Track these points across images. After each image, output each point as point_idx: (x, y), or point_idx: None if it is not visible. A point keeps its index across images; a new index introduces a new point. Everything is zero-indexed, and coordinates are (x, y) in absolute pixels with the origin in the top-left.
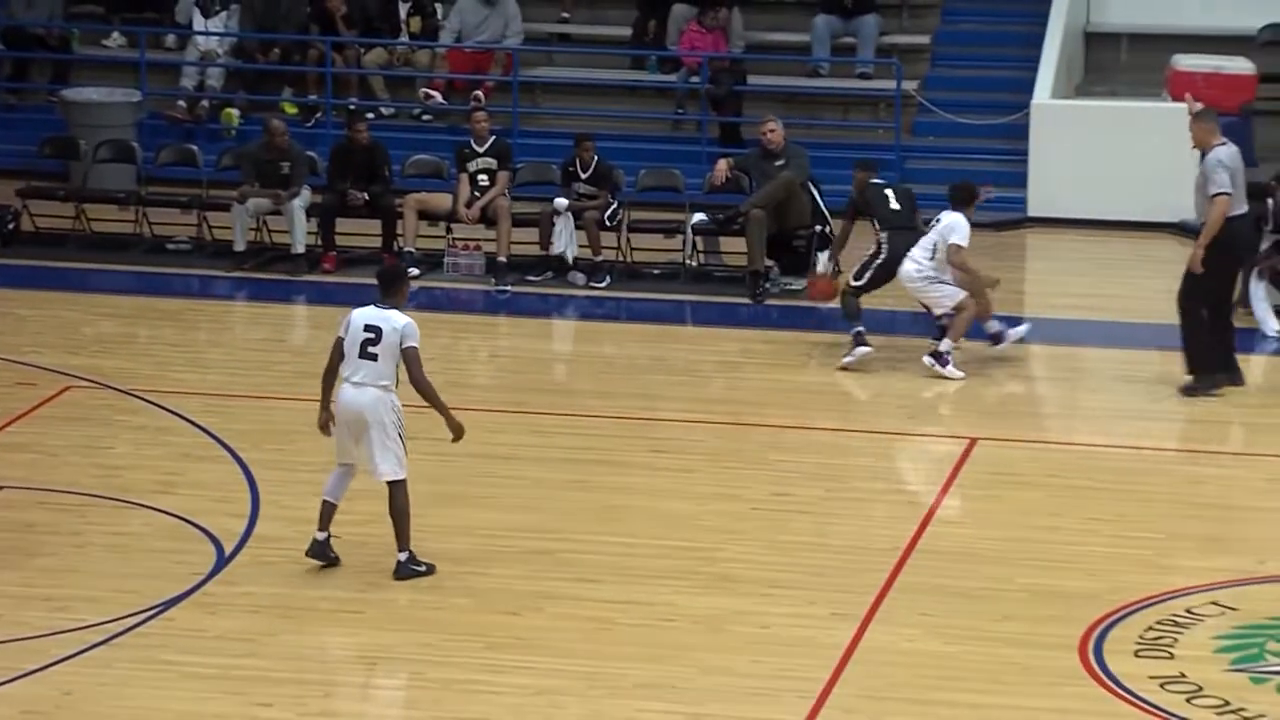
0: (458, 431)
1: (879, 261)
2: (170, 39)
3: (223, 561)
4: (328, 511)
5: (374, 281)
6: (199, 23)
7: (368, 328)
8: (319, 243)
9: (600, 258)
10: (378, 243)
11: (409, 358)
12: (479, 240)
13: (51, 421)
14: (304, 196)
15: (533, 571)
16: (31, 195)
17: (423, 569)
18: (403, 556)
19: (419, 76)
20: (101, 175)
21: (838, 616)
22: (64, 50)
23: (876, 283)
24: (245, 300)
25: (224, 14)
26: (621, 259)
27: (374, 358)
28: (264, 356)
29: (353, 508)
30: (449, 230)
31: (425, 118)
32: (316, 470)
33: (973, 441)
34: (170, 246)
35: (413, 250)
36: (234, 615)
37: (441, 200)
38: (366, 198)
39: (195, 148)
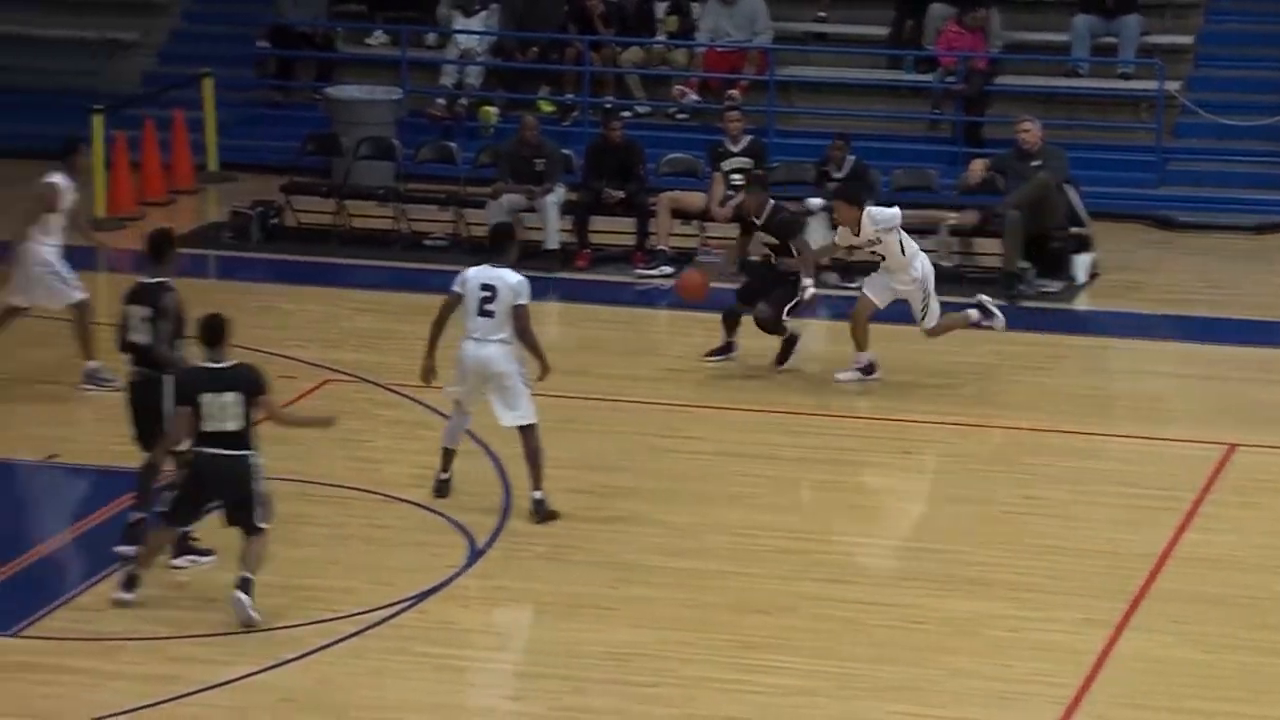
0: (546, 373)
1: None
2: (431, 37)
3: (475, 555)
4: (448, 456)
5: (620, 279)
6: (459, 21)
7: (484, 286)
8: (573, 240)
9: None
10: (631, 240)
11: (519, 314)
12: (732, 239)
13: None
14: (558, 194)
15: (785, 571)
16: (294, 191)
17: (553, 512)
18: (537, 495)
19: (675, 75)
20: (362, 172)
21: (1089, 622)
22: (328, 49)
23: None
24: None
25: (484, 13)
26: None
27: (491, 314)
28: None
29: (606, 505)
30: (702, 229)
31: (680, 116)
32: (568, 466)
33: (1231, 447)
34: (427, 242)
35: (665, 248)
36: (486, 609)
37: (695, 199)
38: (621, 195)
39: (453, 145)
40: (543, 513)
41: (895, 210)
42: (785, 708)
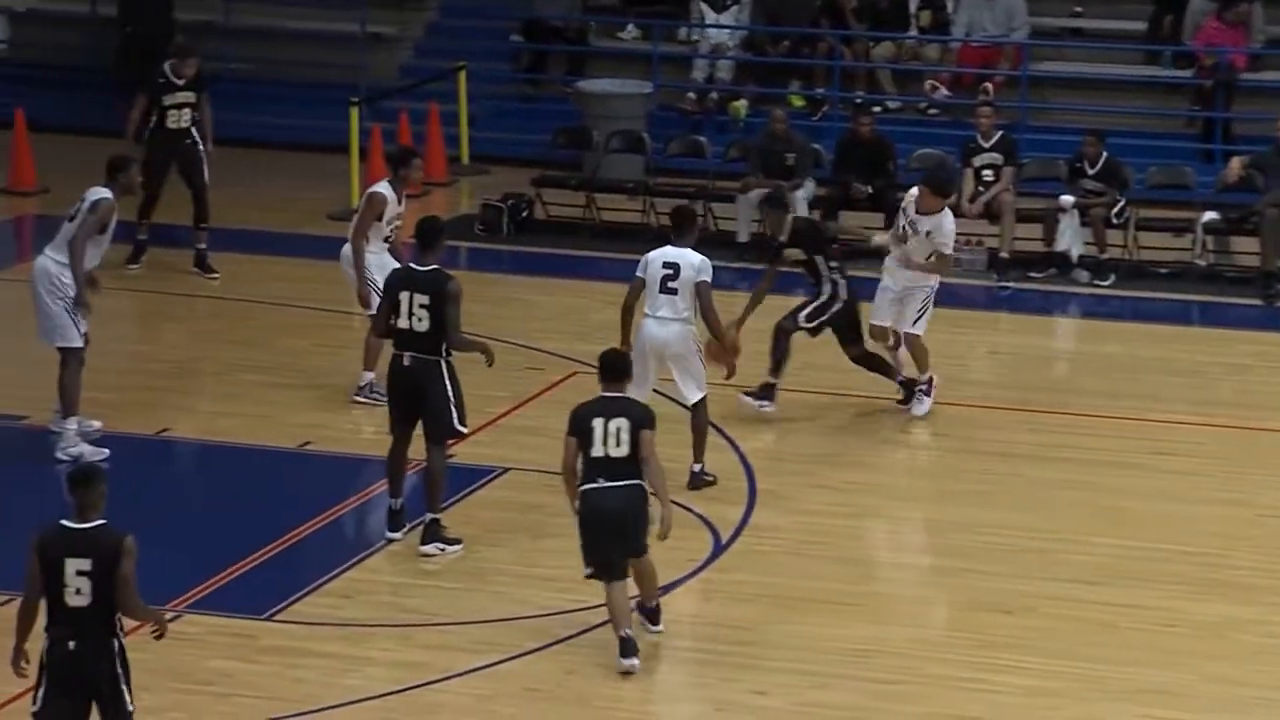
0: (731, 351)
1: None
2: (682, 32)
3: (719, 549)
4: None
5: (868, 274)
6: (711, 16)
7: (666, 264)
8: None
9: (1105, 255)
10: None
11: (702, 291)
12: (982, 235)
13: (559, 406)
14: (808, 188)
15: (1028, 570)
16: (545, 184)
17: (711, 479)
18: (697, 468)
19: (927, 70)
20: (612, 165)
21: None
22: (580, 43)
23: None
24: (746, 290)
25: (735, 7)
26: (1128, 257)
27: (674, 291)
28: (767, 346)
29: (848, 501)
30: None
31: (931, 112)
32: (811, 461)
33: None
34: None
35: None
36: (729, 603)
37: None
38: (870, 191)
39: (703, 139)
40: (698, 484)
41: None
42: (1026, 708)
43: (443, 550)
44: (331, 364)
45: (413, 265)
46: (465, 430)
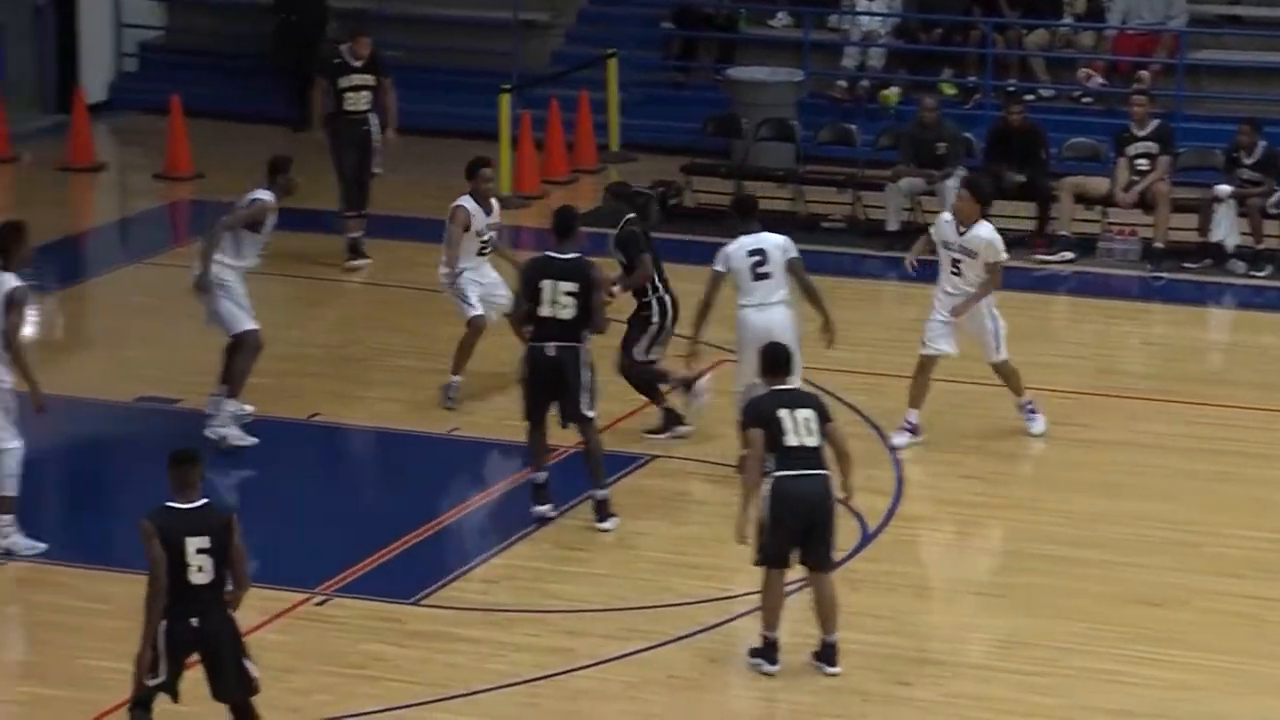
0: (831, 329)
1: None
2: (834, 19)
3: (866, 539)
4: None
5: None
6: (863, 3)
7: (751, 252)
8: None
9: (1262, 246)
10: (1032, 225)
11: (797, 267)
12: (1135, 225)
13: (708, 394)
14: (958, 177)
15: (1176, 563)
16: (694, 171)
17: None
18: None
19: (1081, 58)
20: (762, 153)
21: None
22: (731, 30)
23: None
24: (896, 280)
25: None
26: None
27: (768, 275)
28: (914, 336)
29: (998, 491)
30: (1105, 214)
31: (1085, 100)
32: (959, 452)
33: None
34: (825, 225)
35: (1067, 234)
36: (876, 592)
37: (1098, 184)
38: (1022, 180)
39: (853, 127)
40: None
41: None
42: (1169, 701)
43: (616, 524)
44: (480, 349)
45: (551, 254)
46: (593, 415)
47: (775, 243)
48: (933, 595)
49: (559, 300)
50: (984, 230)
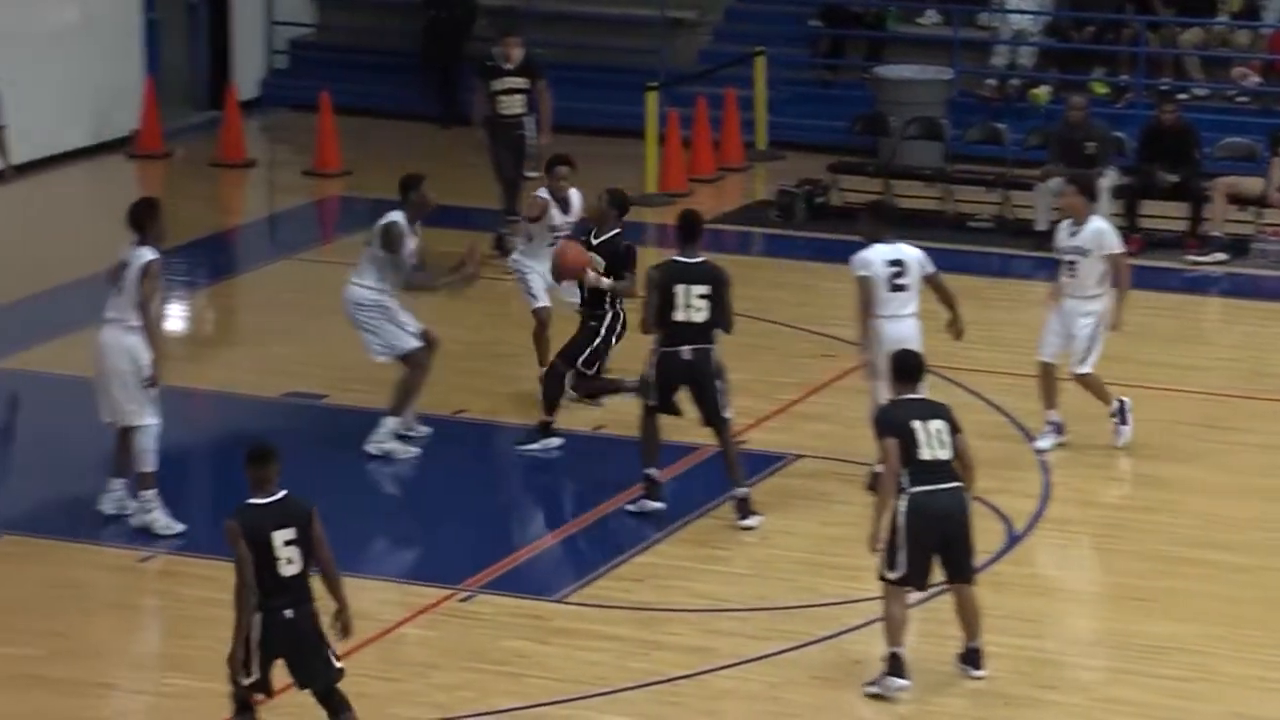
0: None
1: None
2: (983, 17)
3: (1013, 541)
4: None
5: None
6: (1013, 1)
7: (891, 263)
8: (1124, 223)
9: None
10: (1184, 225)
11: (938, 280)
12: None
13: (850, 393)
14: (1110, 177)
15: None
16: (841, 170)
17: None
18: None
19: (1237, 57)
20: (910, 152)
21: None
22: (879, 28)
23: None
24: (1045, 279)
25: None
26: None
27: (905, 288)
28: None
29: (1148, 495)
30: (1259, 215)
31: (1240, 99)
32: (1107, 454)
33: None
34: (972, 224)
35: (1220, 235)
36: (1022, 596)
37: (1253, 184)
38: (1174, 180)
39: (1002, 126)
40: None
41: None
42: None
43: (747, 526)
44: (626, 348)
45: (678, 259)
46: (730, 416)
47: (914, 256)
48: (1080, 599)
49: (693, 304)
50: (1093, 224)
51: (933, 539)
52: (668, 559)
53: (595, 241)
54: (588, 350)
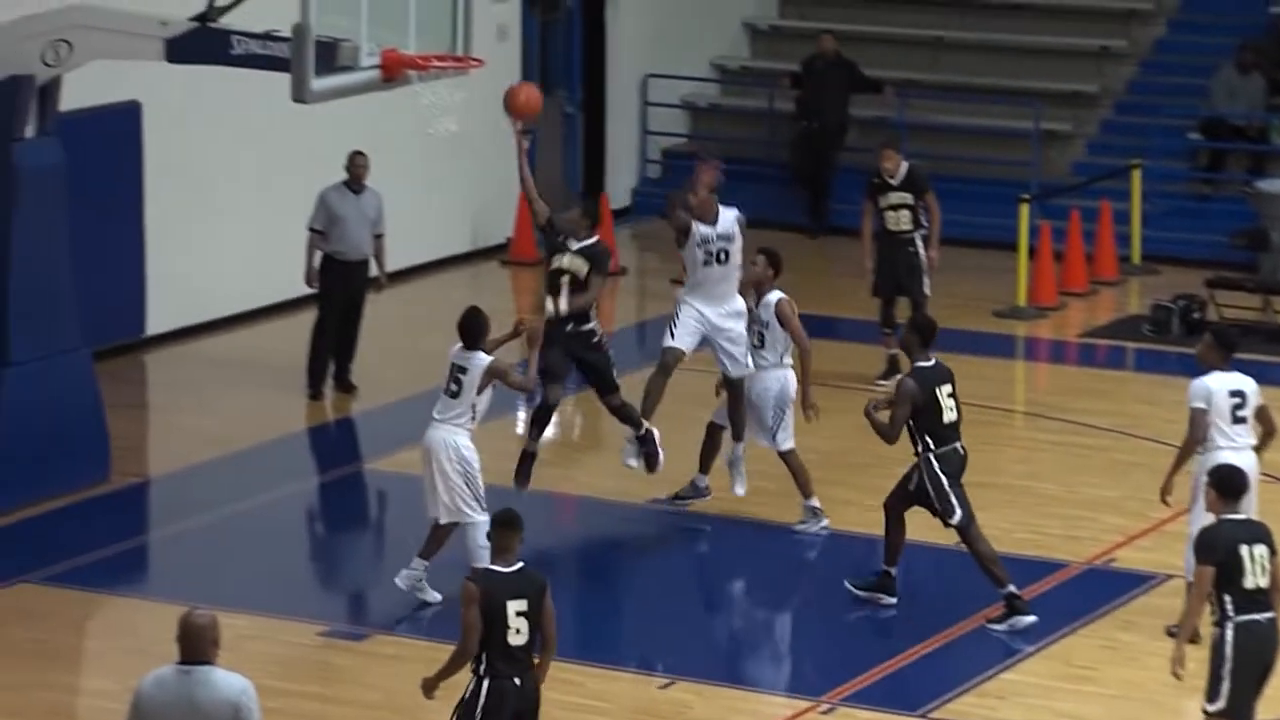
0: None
1: None
2: None
3: None
4: None
5: None
6: None
7: (1233, 393)
8: None
9: None
10: None
11: (1266, 413)
12: None
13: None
14: None
15: None
16: (1219, 285)
17: None
18: None
19: None
20: None
21: None
22: (1262, 141)
23: None
24: None
25: None
26: None
27: (1244, 420)
28: None
29: None
30: None
31: None
32: None
33: None
34: None
35: None
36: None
37: None
38: None
39: None
40: None
41: None
42: None
43: (1013, 627)
44: (985, 461)
45: (924, 364)
46: (955, 522)
47: (1253, 386)
48: None
49: (952, 407)
50: None
51: (1259, 672)
52: (1035, 676)
53: (577, 247)
54: (613, 369)
